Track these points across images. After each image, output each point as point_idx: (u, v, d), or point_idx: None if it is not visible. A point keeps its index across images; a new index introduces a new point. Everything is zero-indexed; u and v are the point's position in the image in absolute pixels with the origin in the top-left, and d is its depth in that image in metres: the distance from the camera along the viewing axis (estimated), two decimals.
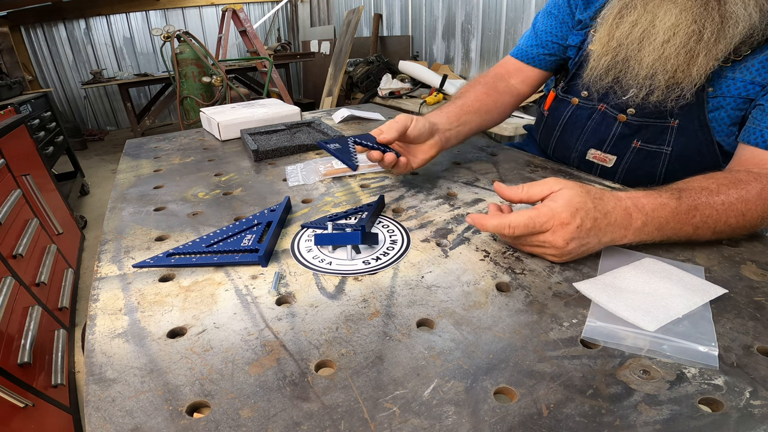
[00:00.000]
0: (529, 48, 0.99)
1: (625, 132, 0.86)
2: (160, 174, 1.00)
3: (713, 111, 0.75)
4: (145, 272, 0.60)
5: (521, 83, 1.01)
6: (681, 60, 0.69)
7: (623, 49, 0.75)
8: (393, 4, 4.29)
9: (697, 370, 0.41)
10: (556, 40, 0.96)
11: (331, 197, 0.83)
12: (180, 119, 3.20)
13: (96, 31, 5.30)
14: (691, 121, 0.77)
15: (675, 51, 0.69)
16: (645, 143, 0.85)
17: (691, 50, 0.68)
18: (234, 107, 1.43)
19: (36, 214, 1.93)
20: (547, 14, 0.98)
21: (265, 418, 0.37)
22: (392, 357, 0.43)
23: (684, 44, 0.68)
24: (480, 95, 0.94)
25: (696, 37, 0.67)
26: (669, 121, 0.79)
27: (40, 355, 1.37)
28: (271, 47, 5.20)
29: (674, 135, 0.80)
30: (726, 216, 0.58)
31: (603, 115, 0.89)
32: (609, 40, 0.77)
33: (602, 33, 0.79)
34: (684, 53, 0.68)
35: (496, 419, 0.36)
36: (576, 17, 0.91)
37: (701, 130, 0.76)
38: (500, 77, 1.01)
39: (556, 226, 0.53)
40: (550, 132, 1.02)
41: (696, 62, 0.68)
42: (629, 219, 0.56)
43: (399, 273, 0.58)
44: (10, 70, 4.06)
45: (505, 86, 1.00)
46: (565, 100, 0.97)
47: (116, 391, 0.40)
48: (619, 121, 0.86)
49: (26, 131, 2.37)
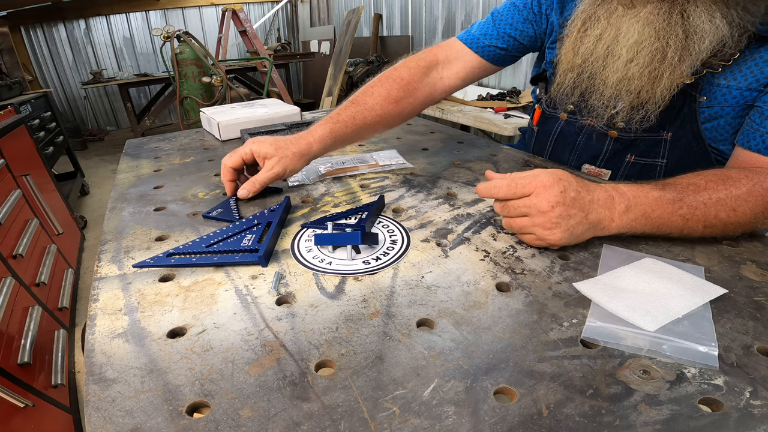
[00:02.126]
0: (482, 36, 0.92)
1: (618, 147, 0.84)
2: (160, 174, 1.00)
3: (711, 121, 0.72)
4: (145, 272, 0.60)
5: (454, 75, 0.95)
6: (645, 81, 0.68)
7: (588, 66, 0.75)
8: (393, 4, 4.29)
9: (697, 370, 0.41)
10: (515, 35, 0.90)
11: (331, 197, 0.83)
12: (180, 119, 3.20)
13: (96, 31, 5.30)
14: (684, 132, 0.75)
15: (639, 71, 0.68)
16: (639, 157, 0.83)
17: (654, 70, 0.67)
18: (234, 107, 1.43)
19: (36, 214, 1.93)
20: (511, 6, 0.92)
21: (265, 418, 0.37)
22: (392, 357, 0.43)
23: (647, 64, 0.67)
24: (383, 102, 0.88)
25: (660, 56, 0.66)
26: (661, 134, 0.77)
27: (40, 355, 1.37)
28: (271, 47, 5.20)
29: (668, 147, 0.78)
30: (715, 210, 0.58)
31: (592, 129, 0.87)
32: (574, 55, 0.77)
33: (567, 47, 0.78)
34: (648, 74, 0.68)
35: (496, 419, 0.36)
36: (550, 20, 0.88)
37: (695, 141, 0.75)
38: (432, 66, 0.94)
39: (539, 188, 0.55)
40: (542, 147, 1.01)
41: (660, 83, 0.68)
42: (611, 201, 0.57)
43: (399, 273, 0.58)
44: (10, 70, 4.06)
45: (429, 82, 0.93)
46: (554, 116, 0.94)
47: (116, 391, 0.40)
48: (610, 137, 0.84)
49: (26, 131, 2.37)
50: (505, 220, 0.61)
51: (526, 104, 2.54)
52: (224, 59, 3.74)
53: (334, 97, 3.86)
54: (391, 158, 1.00)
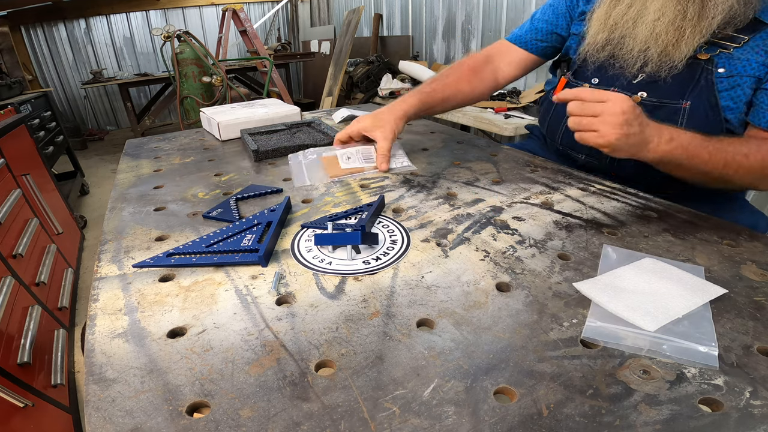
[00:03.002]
0: (524, 34, 1.10)
1: None
2: (160, 174, 1.00)
3: (729, 90, 0.81)
4: (145, 272, 0.60)
5: (508, 65, 1.12)
6: (671, 36, 0.80)
7: (619, 27, 0.86)
8: (393, 4, 4.28)
9: (697, 370, 0.41)
10: (551, 28, 1.06)
11: (331, 197, 0.83)
12: (180, 119, 3.20)
13: (96, 30, 5.30)
14: (701, 102, 0.83)
15: (665, 27, 0.80)
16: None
17: (678, 27, 0.79)
18: (234, 107, 1.43)
19: (36, 214, 1.93)
20: (547, 6, 1.09)
21: (265, 418, 0.37)
22: (392, 357, 0.43)
23: (672, 21, 0.79)
24: (457, 80, 1.08)
25: (681, 15, 0.78)
26: (680, 103, 0.85)
27: (40, 355, 1.37)
28: (271, 47, 5.20)
29: (686, 116, 0.85)
30: (733, 152, 0.72)
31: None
32: (606, 18, 0.88)
33: (600, 12, 0.89)
34: (673, 30, 0.80)
35: (496, 419, 0.36)
36: (580, 9, 1.01)
37: (711, 111, 0.83)
38: (489, 59, 1.12)
39: (615, 98, 0.67)
40: (560, 119, 1.02)
41: (684, 37, 0.79)
42: (661, 130, 0.71)
43: (399, 273, 0.58)
44: (10, 70, 4.05)
45: (490, 70, 1.12)
46: (577, 85, 1.00)
47: (116, 391, 0.40)
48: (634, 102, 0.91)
49: (26, 131, 2.36)
50: (573, 118, 0.71)
51: (526, 104, 2.54)
52: (224, 59, 3.74)
53: (335, 97, 3.85)
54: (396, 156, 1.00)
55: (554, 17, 1.05)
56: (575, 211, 0.74)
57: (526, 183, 0.86)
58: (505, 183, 0.87)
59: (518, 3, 2.89)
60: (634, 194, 0.81)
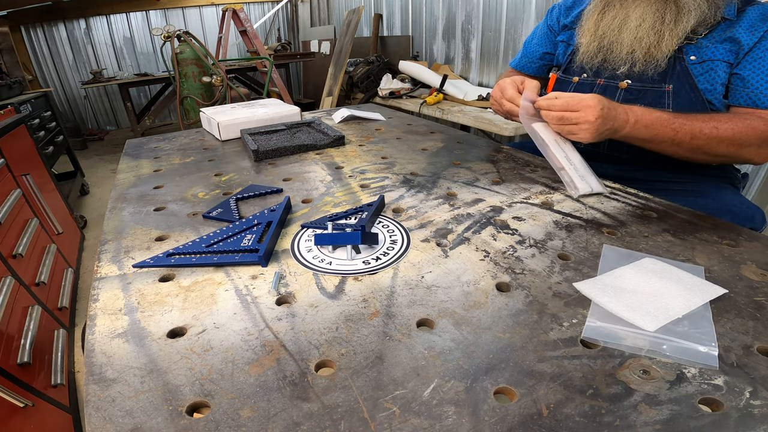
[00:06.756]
0: (519, 60, 1.29)
1: (628, 98, 0.99)
2: (160, 174, 1.00)
3: (704, 74, 0.91)
4: (145, 272, 0.60)
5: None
6: (652, 38, 0.91)
7: (607, 36, 0.98)
8: (393, 4, 4.28)
9: (697, 370, 0.41)
10: (541, 49, 1.23)
11: (331, 197, 0.83)
12: (180, 119, 3.20)
13: (96, 30, 5.30)
14: (682, 84, 0.94)
15: (646, 31, 0.91)
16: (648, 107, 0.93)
17: (658, 30, 0.91)
18: (234, 107, 1.43)
19: (36, 214, 1.93)
20: (535, 30, 1.26)
21: (265, 418, 0.37)
22: (392, 357, 0.43)
23: (652, 26, 0.91)
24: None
25: (660, 20, 0.90)
26: (663, 87, 0.95)
27: (40, 355, 1.37)
28: (271, 47, 5.20)
29: (671, 98, 0.95)
30: (700, 125, 0.82)
31: (604, 87, 1.04)
32: (596, 29, 1.00)
33: (589, 25, 1.01)
34: (653, 33, 0.91)
35: (496, 419, 0.36)
36: (561, 23, 1.16)
37: (692, 92, 0.93)
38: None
39: (586, 108, 0.78)
40: None
41: (663, 39, 0.90)
42: (626, 115, 0.82)
43: (399, 273, 0.57)
44: (10, 70, 4.05)
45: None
46: (567, 80, 1.12)
47: (116, 391, 0.40)
48: (621, 89, 1.01)
49: (26, 131, 2.36)
50: (556, 128, 0.83)
51: None
52: (224, 59, 3.74)
53: (335, 97, 3.85)
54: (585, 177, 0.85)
55: (540, 39, 1.22)
56: (575, 211, 0.74)
57: (526, 183, 0.86)
58: (505, 183, 0.87)
59: (518, 3, 2.89)
60: (634, 194, 0.81)
